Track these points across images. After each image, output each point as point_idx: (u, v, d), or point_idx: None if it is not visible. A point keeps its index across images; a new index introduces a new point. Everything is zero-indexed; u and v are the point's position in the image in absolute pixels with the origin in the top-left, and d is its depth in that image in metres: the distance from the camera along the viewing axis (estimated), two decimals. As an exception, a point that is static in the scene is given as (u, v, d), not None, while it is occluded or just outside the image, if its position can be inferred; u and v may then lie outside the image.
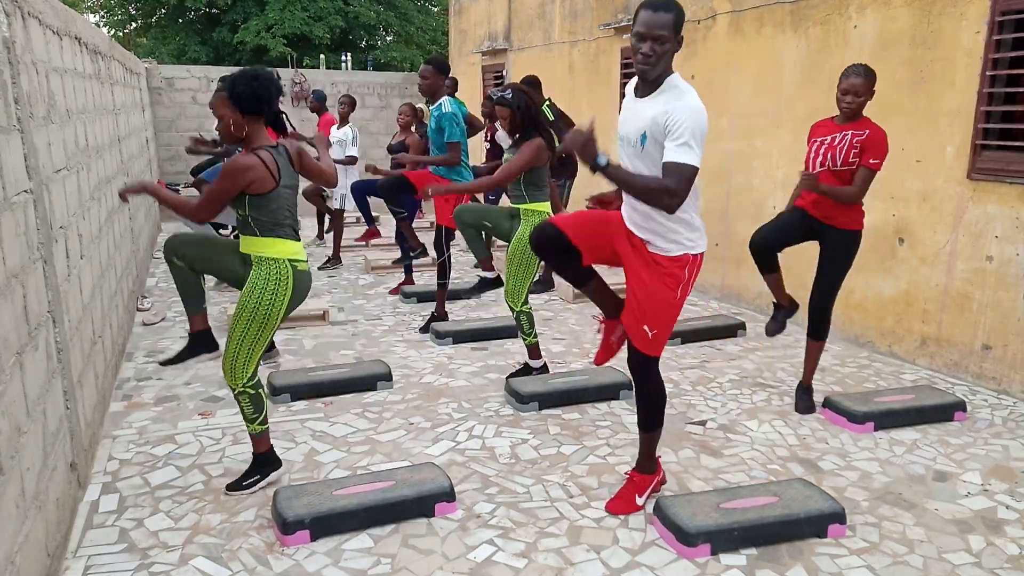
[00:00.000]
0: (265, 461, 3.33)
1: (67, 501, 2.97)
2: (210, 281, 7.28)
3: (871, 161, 3.81)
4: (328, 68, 18.21)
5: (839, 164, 3.90)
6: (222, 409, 4.20)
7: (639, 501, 3.14)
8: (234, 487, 3.27)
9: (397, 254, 7.00)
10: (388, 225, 9.25)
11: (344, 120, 8.11)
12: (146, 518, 3.08)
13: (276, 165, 3.08)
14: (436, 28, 22.96)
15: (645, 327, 2.89)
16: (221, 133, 3.15)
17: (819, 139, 4.02)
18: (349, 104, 8.09)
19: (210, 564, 2.77)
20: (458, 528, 3.02)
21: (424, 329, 5.67)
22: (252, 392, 3.23)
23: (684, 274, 2.88)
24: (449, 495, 3.13)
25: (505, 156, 4.56)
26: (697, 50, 6.76)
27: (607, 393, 4.33)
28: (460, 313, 6.18)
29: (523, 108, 4.39)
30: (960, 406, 4.11)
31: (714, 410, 4.18)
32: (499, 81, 10.81)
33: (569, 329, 5.71)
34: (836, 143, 3.92)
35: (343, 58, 21.38)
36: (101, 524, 3.04)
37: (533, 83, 6.62)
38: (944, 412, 4.08)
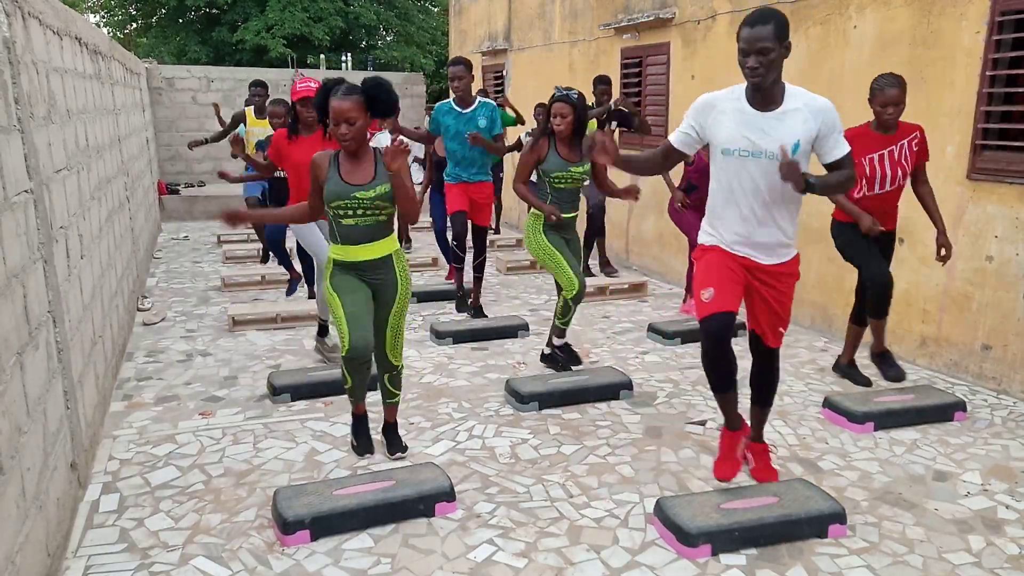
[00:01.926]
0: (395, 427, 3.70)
1: (67, 501, 2.97)
2: (212, 280, 7.28)
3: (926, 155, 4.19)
4: (328, 68, 18.22)
5: (908, 177, 4.15)
6: (222, 409, 4.20)
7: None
8: (401, 449, 3.60)
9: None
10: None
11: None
12: (146, 518, 3.08)
13: None
14: (436, 28, 22.96)
15: (780, 328, 3.25)
16: (353, 138, 3.14)
17: (874, 154, 4.08)
18: None
19: (210, 564, 2.77)
20: (458, 528, 3.02)
21: (476, 313, 5.96)
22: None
23: (799, 270, 3.23)
24: (449, 495, 3.13)
25: (582, 168, 4.40)
26: (697, 50, 6.76)
27: (607, 393, 4.33)
28: (460, 313, 6.18)
29: (582, 110, 4.34)
30: (960, 406, 4.11)
31: (714, 410, 4.18)
32: (499, 81, 10.81)
33: (569, 329, 5.70)
34: (899, 156, 4.07)
35: (343, 58, 21.38)
36: (101, 524, 3.04)
37: (606, 81, 6.83)
38: (944, 412, 4.08)
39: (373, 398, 3.98)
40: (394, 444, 3.64)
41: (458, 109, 5.66)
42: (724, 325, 3.07)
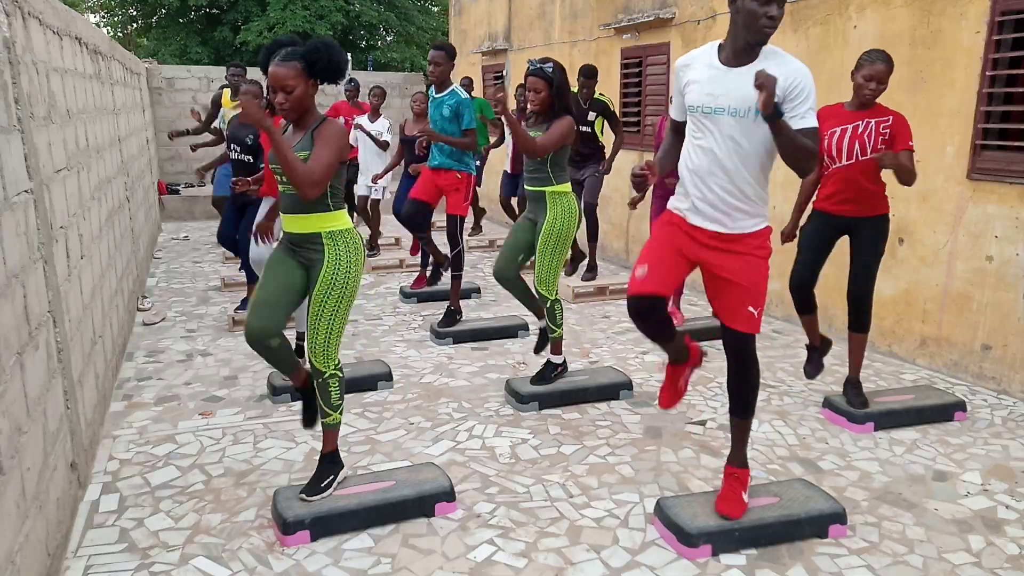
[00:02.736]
0: (336, 459, 3.15)
1: (67, 501, 2.97)
2: (212, 280, 7.28)
3: (909, 144, 3.81)
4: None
5: (868, 153, 3.84)
6: (222, 409, 4.20)
7: (745, 498, 2.97)
8: (313, 492, 3.02)
9: (399, 254, 7.01)
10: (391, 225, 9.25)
11: (377, 112, 8.18)
12: (146, 518, 3.08)
13: None
14: (436, 28, 22.98)
15: (750, 308, 2.83)
16: (291, 107, 2.87)
17: (837, 128, 3.88)
18: (381, 95, 8.18)
19: (210, 564, 2.77)
20: (458, 528, 3.02)
21: (442, 323, 5.54)
22: (341, 374, 3.07)
23: (769, 245, 2.88)
24: (449, 495, 3.14)
25: (533, 133, 4.12)
26: (697, 50, 6.75)
27: (607, 393, 4.33)
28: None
29: (558, 85, 4.02)
30: (960, 406, 4.11)
31: (714, 410, 4.18)
32: (499, 81, 10.81)
33: (569, 328, 5.71)
34: (862, 131, 3.83)
35: (343, 58, 21.38)
36: (101, 524, 3.04)
37: (587, 74, 6.54)
38: (944, 412, 4.08)
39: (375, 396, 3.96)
40: (312, 482, 3.09)
41: (432, 93, 5.66)
42: (649, 307, 2.89)
